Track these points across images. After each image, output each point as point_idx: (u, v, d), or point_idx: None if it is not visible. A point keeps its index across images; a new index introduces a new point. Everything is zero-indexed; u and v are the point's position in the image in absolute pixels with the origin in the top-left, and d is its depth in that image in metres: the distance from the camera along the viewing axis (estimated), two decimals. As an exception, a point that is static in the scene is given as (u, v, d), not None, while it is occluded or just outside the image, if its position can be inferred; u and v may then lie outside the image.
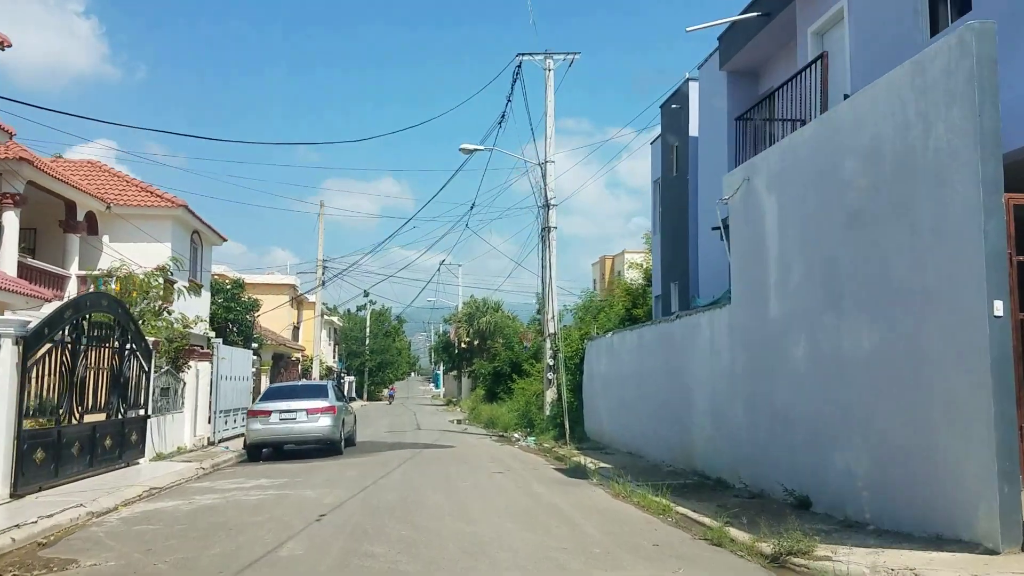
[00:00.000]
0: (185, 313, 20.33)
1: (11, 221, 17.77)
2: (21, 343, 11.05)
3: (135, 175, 24.70)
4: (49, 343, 11.97)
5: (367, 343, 72.87)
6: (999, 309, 6.65)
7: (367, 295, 61.28)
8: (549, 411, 22.86)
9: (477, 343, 54.58)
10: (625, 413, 17.76)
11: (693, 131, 19.36)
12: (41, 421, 12.07)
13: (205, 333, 22.98)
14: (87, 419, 13.26)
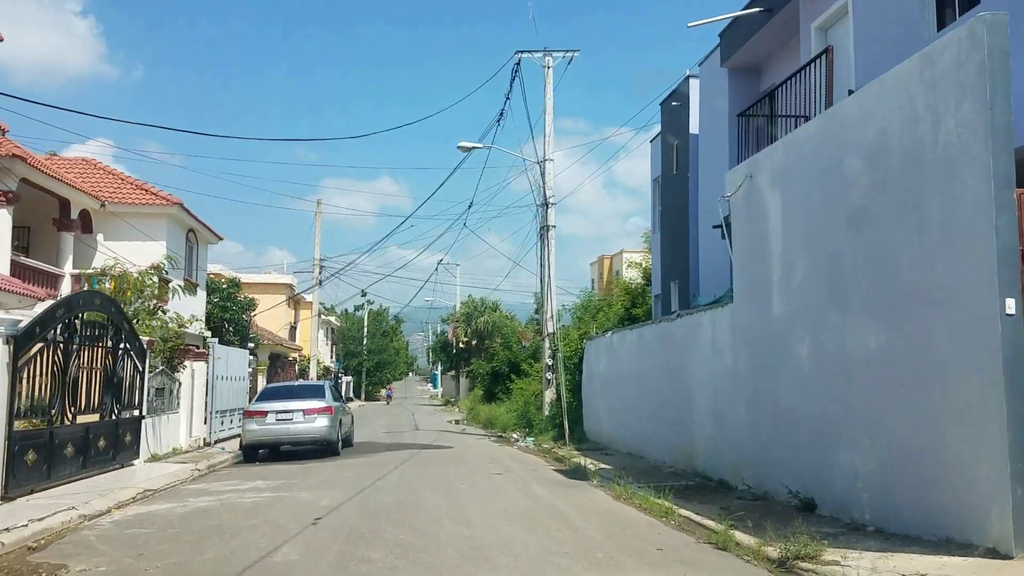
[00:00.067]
0: (180, 312, 20.17)
1: (4, 219, 17.53)
2: (11, 342, 10.88)
3: (133, 174, 24.50)
4: (41, 342, 11.79)
5: (365, 343, 72.70)
6: (1011, 307, 6.49)
7: (365, 295, 61.15)
8: (548, 411, 22.70)
9: (475, 343, 54.50)
10: (625, 413, 17.60)
11: (694, 128, 19.22)
12: (35, 422, 11.91)
13: (201, 333, 22.78)
14: (80, 420, 13.09)
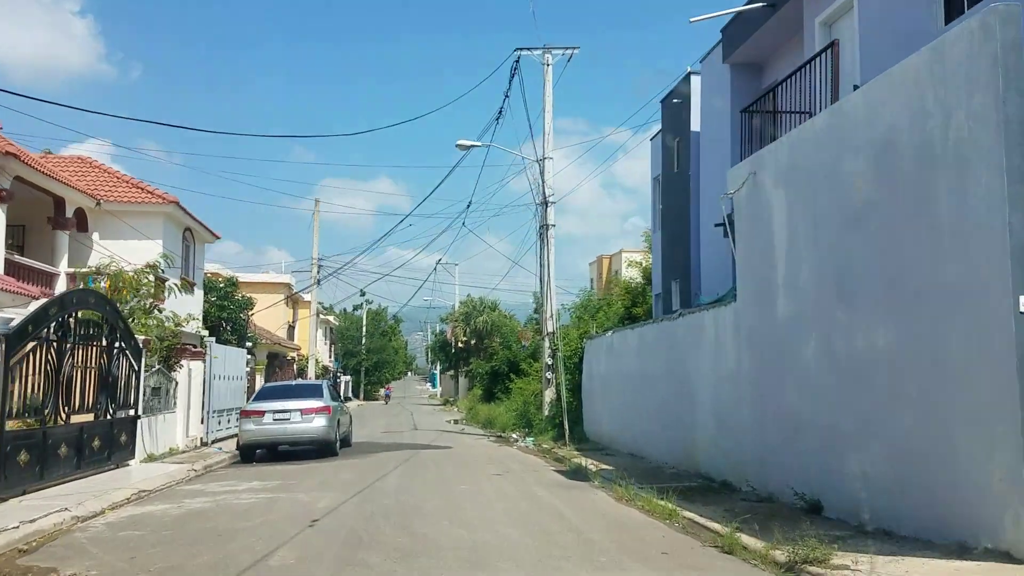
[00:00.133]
0: (177, 311, 19.98)
1: (-2, 217, 17.38)
2: (3, 341, 10.69)
3: (132, 175, 24.23)
4: (33, 341, 11.60)
5: (363, 342, 72.51)
6: (1025, 305, 6.33)
7: (363, 294, 61.01)
8: (548, 411, 22.54)
9: (474, 342, 54.35)
10: (626, 413, 17.44)
11: (695, 126, 19.04)
12: (28, 421, 11.73)
13: (198, 332, 22.57)
14: (74, 419, 12.90)
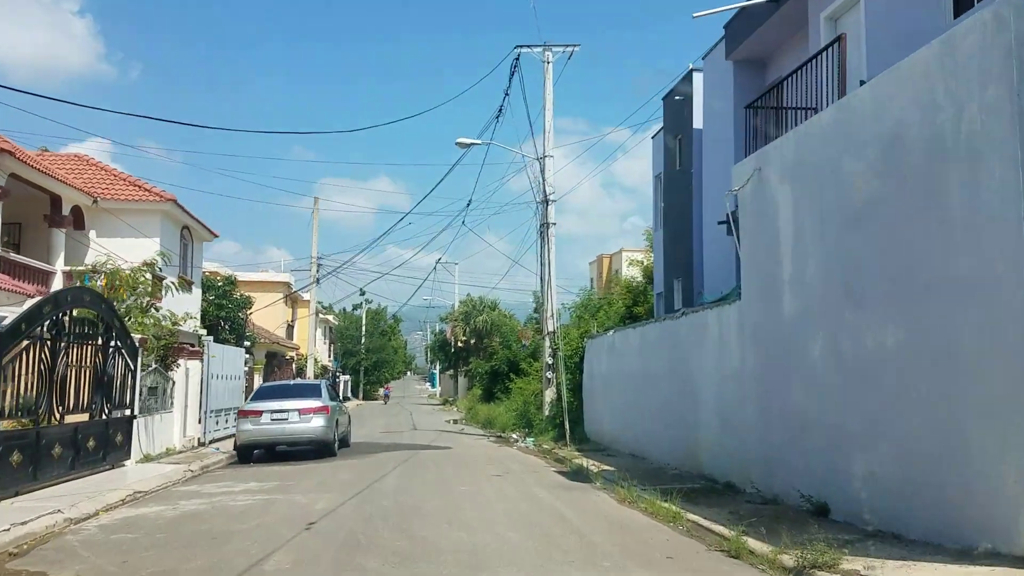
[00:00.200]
0: (174, 310, 19.81)
1: (-7, 214, 17.23)
2: (-4, 340, 10.53)
3: (131, 173, 24.09)
4: (27, 339, 11.43)
5: (363, 342, 72.36)
6: (1040, 302, 6.16)
7: (363, 293, 60.88)
8: (548, 411, 22.37)
9: (474, 342, 54.21)
10: (627, 413, 17.27)
11: (697, 123, 18.86)
12: (22, 421, 11.57)
13: (196, 331, 22.40)
14: (69, 419, 12.73)
